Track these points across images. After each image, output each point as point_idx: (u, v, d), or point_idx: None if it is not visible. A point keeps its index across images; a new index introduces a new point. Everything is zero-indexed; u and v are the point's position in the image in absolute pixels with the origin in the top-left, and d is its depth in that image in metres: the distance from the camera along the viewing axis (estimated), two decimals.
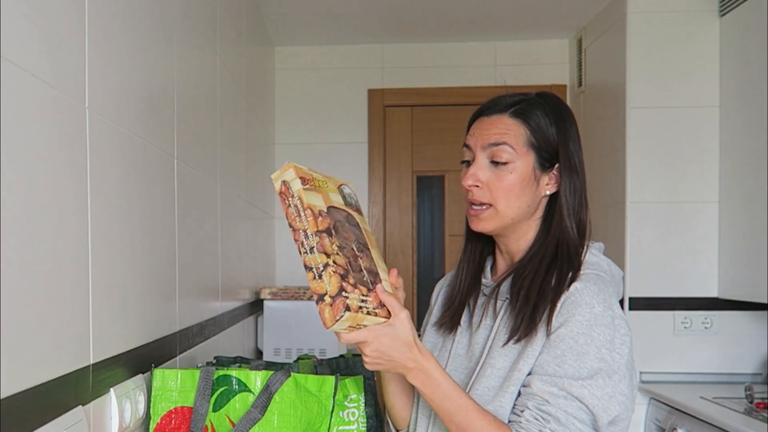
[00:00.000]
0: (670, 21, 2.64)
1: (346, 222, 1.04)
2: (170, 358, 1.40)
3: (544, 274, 1.09)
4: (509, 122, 1.12)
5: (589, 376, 1.00)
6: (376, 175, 3.35)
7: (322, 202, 1.01)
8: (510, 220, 1.12)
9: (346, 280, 0.97)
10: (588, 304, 1.03)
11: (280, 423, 1.15)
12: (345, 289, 0.96)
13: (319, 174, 1.06)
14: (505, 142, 1.11)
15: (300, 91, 3.33)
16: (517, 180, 1.11)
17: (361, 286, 0.99)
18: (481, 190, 1.12)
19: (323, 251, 0.97)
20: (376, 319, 0.99)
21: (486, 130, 1.13)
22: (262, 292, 2.72)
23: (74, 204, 0.94)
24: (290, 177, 1.01)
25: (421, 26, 3.09)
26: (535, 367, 1.04)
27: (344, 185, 1.10)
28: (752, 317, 2.61)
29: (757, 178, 2.34)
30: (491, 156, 1.12)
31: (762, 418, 2.04)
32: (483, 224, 1.13)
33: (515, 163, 1.11)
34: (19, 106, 0.79)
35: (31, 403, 0.80)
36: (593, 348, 1.01)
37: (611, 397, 1.00)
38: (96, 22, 1.02)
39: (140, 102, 1.24)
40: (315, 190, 1.02)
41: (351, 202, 1.08)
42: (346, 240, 1.02)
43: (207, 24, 1.82)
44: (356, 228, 1.06)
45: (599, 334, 1.02)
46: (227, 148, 2.06)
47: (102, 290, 1.03)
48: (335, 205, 1.04)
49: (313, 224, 0.98)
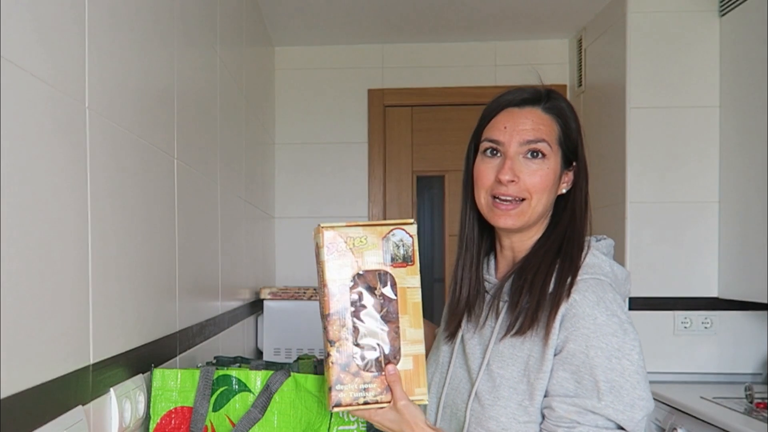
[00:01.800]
0: (670, 21, 2.64)
1: (378, 285, 0.99)
2: (170, 358, 1.40)
3: (546, 272, 1.07)
4: (543, 117, 1.10)
5: (607, 391, 0.99)
6: (376, 175, 3.35)
7: (349, 270, 0.98)
8: (537, 216, 1.11)
9: (347, 369, 0.97)
10: (590, 315, 1.02)
11: (280, 423, 1.16)
12: (342, 381, 0.97)
13: (362, 228, 1.00)
14: (544, 138, 1.09)
15: (300, 91, 3.33)
16: (551, 175, 1.09)
17: (367, 371, 0.98)
18: (516, 185, 1.09)
19: (329, 338, 0.96)
20: (376, 407, 1.00)
21: (521, 124, 1.09)
22: (262, 292, 2.72)
23: (74, 204, 0.94)
24: (320, 243, 0.99)
25: (421, 26, 3.09)
26: (554, 386, 1.02)
27: (397, 229, 1.02)
28: (752, 317, 2.61)
29: (757, 178, 2.34)
30: (527, 151, 1.09)
31: (762, 418, 2.04)
32: (513, 220, 1.10)
33: (550, 159, 1.09)
34: (19, 106, 0.79)
35: (31, 403, 0.80)
36: (604, 360, 1.00)
37: (633, 406, 1.00)
38: (96, 22, 1.02)
39: (140, 102, 1.24)
40: (344, 255, 0.98)
41: (397, 255, 1.01)
42: (368, 314, 0.99)
43: (207, 24, 1.82)
44: (391, 290, 1.00)
45: (607, 344, 1.00)
46: (227, 148, 2.06)
47: (102, 290, 1.03)
48: (368, 268, 0.99)
49: (327, 305, 0.97)
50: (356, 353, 0.98)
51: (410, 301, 1.02)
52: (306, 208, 3.32)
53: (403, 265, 1.01)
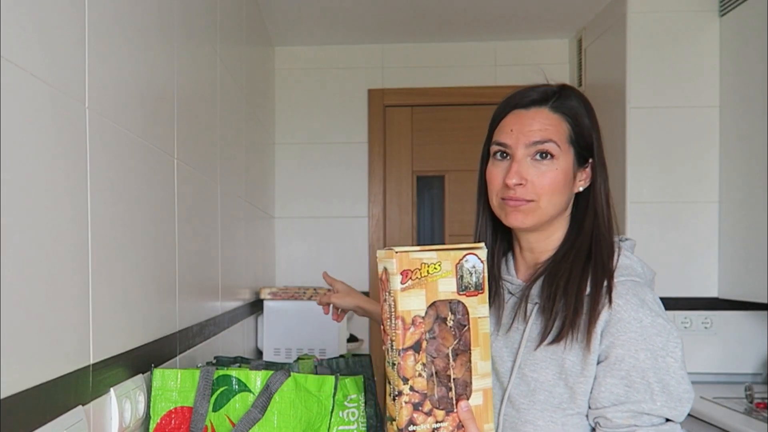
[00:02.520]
0: (670, 21, 2.64)
1: (450, 316, 0.94)
2: (170, 358, 1.40)
3: (579, 276, 1.05)
4: (551, 117, 1.08)
5: (660, 392, 1.00)
6: (376, 175, 3.35)
7: (423, 301, 0.92)
8: (548, 217, 1.09)
9: (419, 408, 0.93)
10: (635, 319, 1.01)
11: (280, 423, 1.15)
12: (414, 422, 0.92)
13: (436, 252, 0.93)
14: (551, 139, 1.07)
15: (300, 91, 3.33)
16: (561, 177, 1.07)
17: (440, 409, 0.94)
18: (524, 188, 1.07)
19: (403, 375, 0.92)
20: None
21: (527, 126, 1.08)
22: (262, 292, 2.72)
23: (74, 204, 0.94)
24: (392, 269, 0.92)
25: (421, 26, 3.09)
26: (604, 394, 1.02)
27: (470, 255, 0.96)
28: (752, 317, 2.61)
29: (757, 178, 2.34)
30: (535, 153, 1.07)
31: (762, 418, 2.04)
32: (524, 218, 1.08)
33: (559, 160, 1.07)
34: (19, 106, 0.79)
35: (31, 403, 0.80)
36: (652, 360, 1.00)
37: (681, 400, 1.00)
38: (96, 22, 1.02)
39: (140, 102, 1.24)
40: (418, 285, 0.92)
41: (469, 282, 0.95)
42: (440, 348, 0.94)
43: (207, 24, 1.82)
44: (464, 318, 0.95)
45: (653, 345, 1.00)
46: (227, 148, 2.06)
47: (102, 290, 1.03)
48: (441, 298, 0.94)
49: (400, 339, 0.92)
50: (430, 391, 0.94)
51: (481, 332, 0.96)
52: (306, 208, 3.32)
53: (475, 293, 0.96)
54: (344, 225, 3.33)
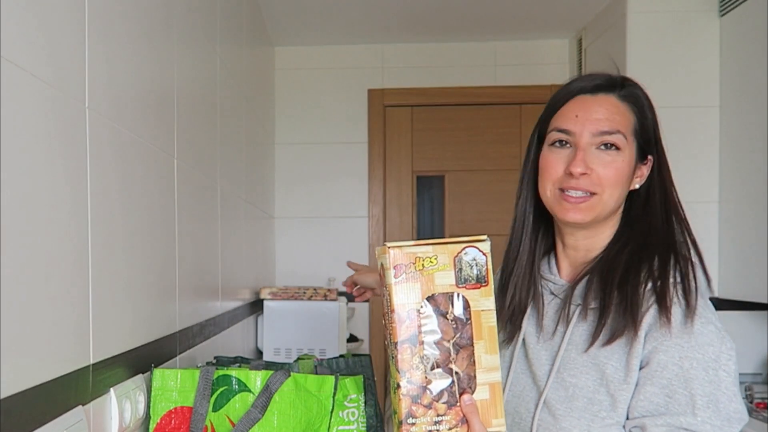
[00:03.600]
0: (670, 21, 2.64)
1: (451, 306, 0.93)
2: (170, 358, 1.40)
3: (634, 276, 0.99)
4: (619, 106, 1.03)
5: (704, 406, 0.92)
6: (376, 175, 3.35)
7: (419, 294, 0.92)
8: (608, 211, 1.03)
9: (418, 401, 0.91)
10: (682, 323, 0.95)
11: (280, 423, 1.15)
12: (413, 414, 0.91)
13: (432, 246, 0.92)
14: (619, 130, 1.01)
15: (300, 91, 3.33)
16: (626, 168, 1.01)
17: (441, 403, 0.92)
18: (588, 178, 1.01)
19: (400, 368, 0.91)
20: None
21: (595, 112, 1.01)
22: (262, 292, 2.72)
23: (74, 204, 0.94)
24: (386, 264, 0.92)
25: (421, 26, 3.09)
26: (642, 403, 0.95)
27: (470, 247, 0.94)
28: (752, 317, 2.61)
29: (757, 178, 2.34)
30: (600, 143, 1.01)
31: (762, 418, 2.04)
32: (582, 214, 1.02)
33: (624, 152, 1.01)
34: (19, 106, 0.79)
35: (31, 403, 0.80)
36: (700, 371, 0.93)
37: (729, 420, 0.93)
38: (96, 22, 1.02)
39: (140, 102, 1.24)
40: (413, 278, 0.91)
41: (470, 275, 0.94)
42: (441, 340, 0.92)
43: (207, 24, 1.82)
44: (465, 312, 0.93)
45: (703, 355, 0.93)
46: (227, 148, 2.06)
47: (102, 290, 1.03)
48: (439, 291, 0.92)
49: (395, 332, 0.91)
50: (428, 383, 0.92)
51: (485, 325, 0.94)
52: (306, 208, 3.32)
53: (476, 286, 0.93)
54: (344, 225, 3.33)
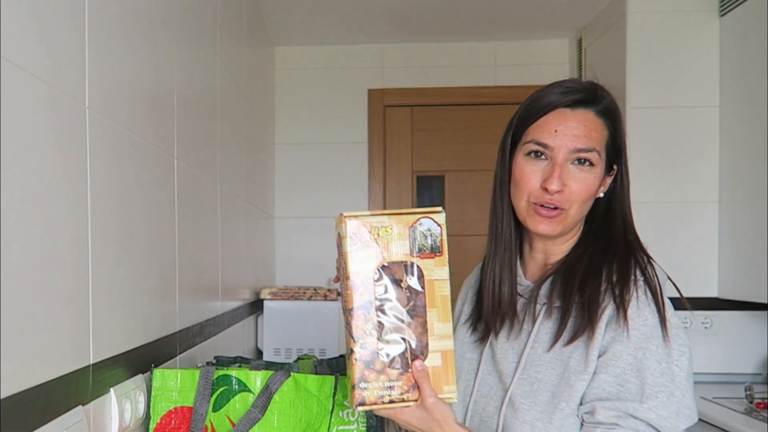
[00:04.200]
0: (670, 21, 2.64)
1: (405, 277, 0.94)
2: (170, 358, 1.40)
3: (594, 275, 1.02)
4: (596, 122, 1.04)
5: (653, 395, 0.95)
6: (376, 175, 3.35)
7: (374, 262, 0.93)
8: (574, 223, 1.06)
9: (371, 366, 0.93)
10: (640, 316, 0.98)
11: (280, 423, 1.16)
12: (366, 379, 0.93)
13: (387, 216, 0.94)
14: (594, 148, 1.02)
15: (300, 91, 3.33)
16: (595, 184, 1.04)
17: (393, 368, 0.94)
18: (562, 195, 1.03)
19: (352, 334, 0.92)
20: (401, 405, 0.95)
21: (574, 129, 1.02)
22: (262, 292, 2.72)
23: (74, 204, 0.94)
24: (343, 232, 0.94)
25: (421, 26, 3.09)
26: (595, 390, 0.98)
27: (425, 218, 0.96)
28: (752, 317, 2.61)
29: (757, 178, 2.34)
30: (575, 159, 1.03)
31: (762, 418, 2.04)
32: (552, 227, 1.05)
33: (597, 167, 1.04)
34: (19, 106, 0.79)
35: (31, 403, 0.80)
36: (653, 362, 0.96)
37: (678, 414, 0.95)
38: (96, 22, 1.02)
39: (140, 102, 1.24)
40: (369, 246, 0.93)
41: (424, 245, 0.95)
42: (394, 308, 0.94)
43: (207, 24, 1.82)
44: (419, 281, 0.95)
45: (657, 347, 0.97)
46: (227, 148, 2.06)
47: (102, 290, 1.03)
48: (394, 260, 0.94)
49: (349, 299, 0.93)
50: (381, 349, 0.94)
51: (438, 294, 0.96)
52: (306, 208, 3.32)
53: (431, 256, 0.95)
54: None
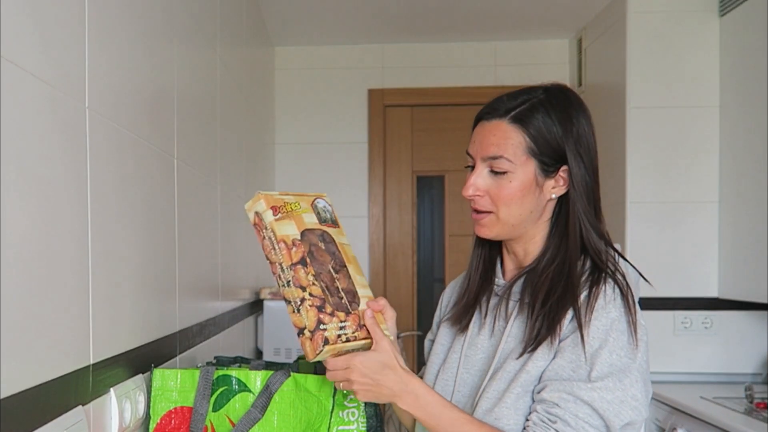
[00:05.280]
0: (670, 21, 2.64)
1: (321, 242, 1.07)
2: (170, 358, 1.40)
3: (565, 279, 1.06)
4: (508, 129, 1.08)
5: (600, 378, 0.98)
6: (376, 175, 3.35)
7: (295, 228, 1.04)
8: (512, 226, 1.10)
9: (323, 311, 1.00)
10: (603, 308, 1.02)
11: (280, 423, 1.16)
12: (323, 321, 1.00)
13: (291, 196, 1.08)
14: (502, 155, 1.07)
15: (300, 91, 3.33)
16: (517, 188, 1.08)
17: (339, 311, 1.03)
18: (482, 199, 1.10)
19: (299, 285, 1.01)
20: (356, 343, 1.03)
21: (485, 139, 1.09)
22: (262, 292, 2.72)
23: (74, 204, 0.94)
24: (261, 208, 1.04)
25: (421, 26, 3.09)
26: (549, 372, 1.02)
27: (319, 199, 1.12)
28: (752, 317, 2.61)
29: (757, 178, 2.34)
30: (490, 166, 1.09)
31: (762, 418, 2.04)
32: (485, 230, 1.12)
33: (514, 173, 1.07)
34: (19, 106, 0.79)
35: (31, 403, 0.80)
36: (606, 352, 0.99)
37: (622, 402, 0.98)
38: (96, 22, 1.02)
39: (140, 102, 1.24)
40: (287, 217, 1.04)
41: (326, 217, 1.11)
42: (322, 264, 1.05)
43: (207, 24, 1.82)
44: (332, 245, 1.08)
45: (615, 339, 1.00)
46: (227, 148, 2.06)
47: (102, 290, 1.03)
48: (309, 227, 1.06)
49: (287, 257, 1.02)
50: (326, 297, 1.03)
51: (349, 254, 1.11)
52: None
53: (332, 226, 1.11)
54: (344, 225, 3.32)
